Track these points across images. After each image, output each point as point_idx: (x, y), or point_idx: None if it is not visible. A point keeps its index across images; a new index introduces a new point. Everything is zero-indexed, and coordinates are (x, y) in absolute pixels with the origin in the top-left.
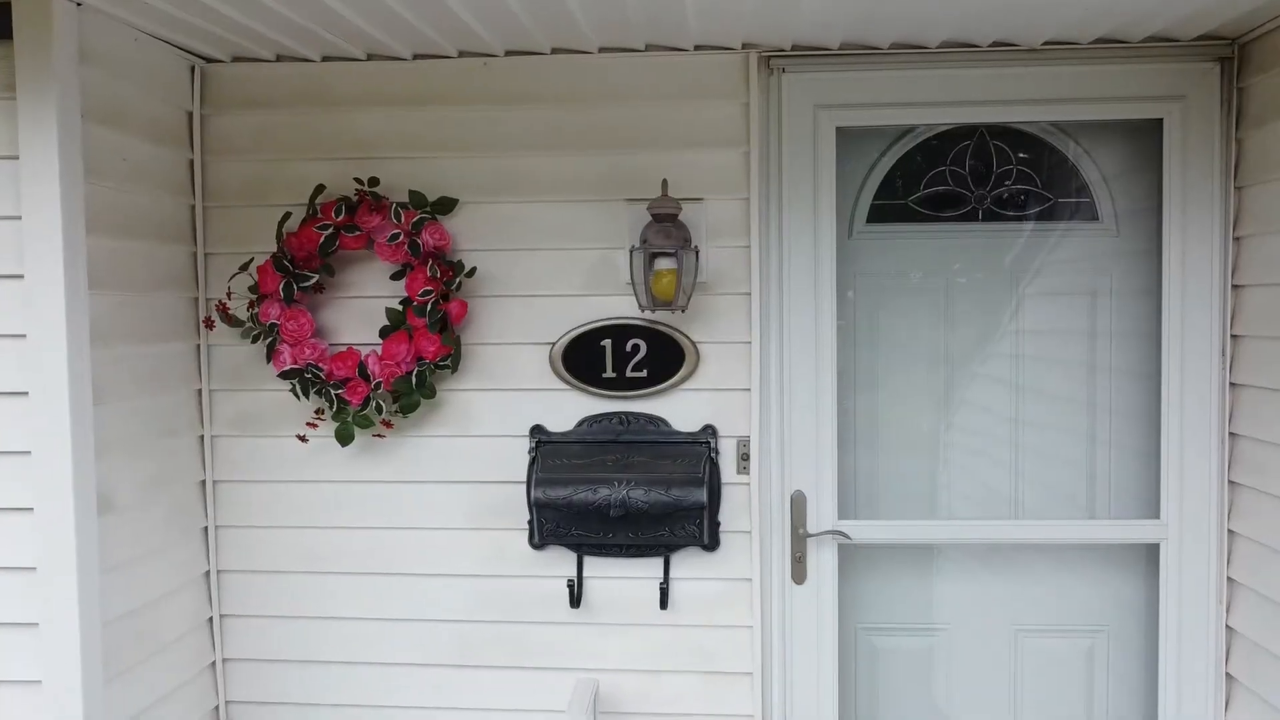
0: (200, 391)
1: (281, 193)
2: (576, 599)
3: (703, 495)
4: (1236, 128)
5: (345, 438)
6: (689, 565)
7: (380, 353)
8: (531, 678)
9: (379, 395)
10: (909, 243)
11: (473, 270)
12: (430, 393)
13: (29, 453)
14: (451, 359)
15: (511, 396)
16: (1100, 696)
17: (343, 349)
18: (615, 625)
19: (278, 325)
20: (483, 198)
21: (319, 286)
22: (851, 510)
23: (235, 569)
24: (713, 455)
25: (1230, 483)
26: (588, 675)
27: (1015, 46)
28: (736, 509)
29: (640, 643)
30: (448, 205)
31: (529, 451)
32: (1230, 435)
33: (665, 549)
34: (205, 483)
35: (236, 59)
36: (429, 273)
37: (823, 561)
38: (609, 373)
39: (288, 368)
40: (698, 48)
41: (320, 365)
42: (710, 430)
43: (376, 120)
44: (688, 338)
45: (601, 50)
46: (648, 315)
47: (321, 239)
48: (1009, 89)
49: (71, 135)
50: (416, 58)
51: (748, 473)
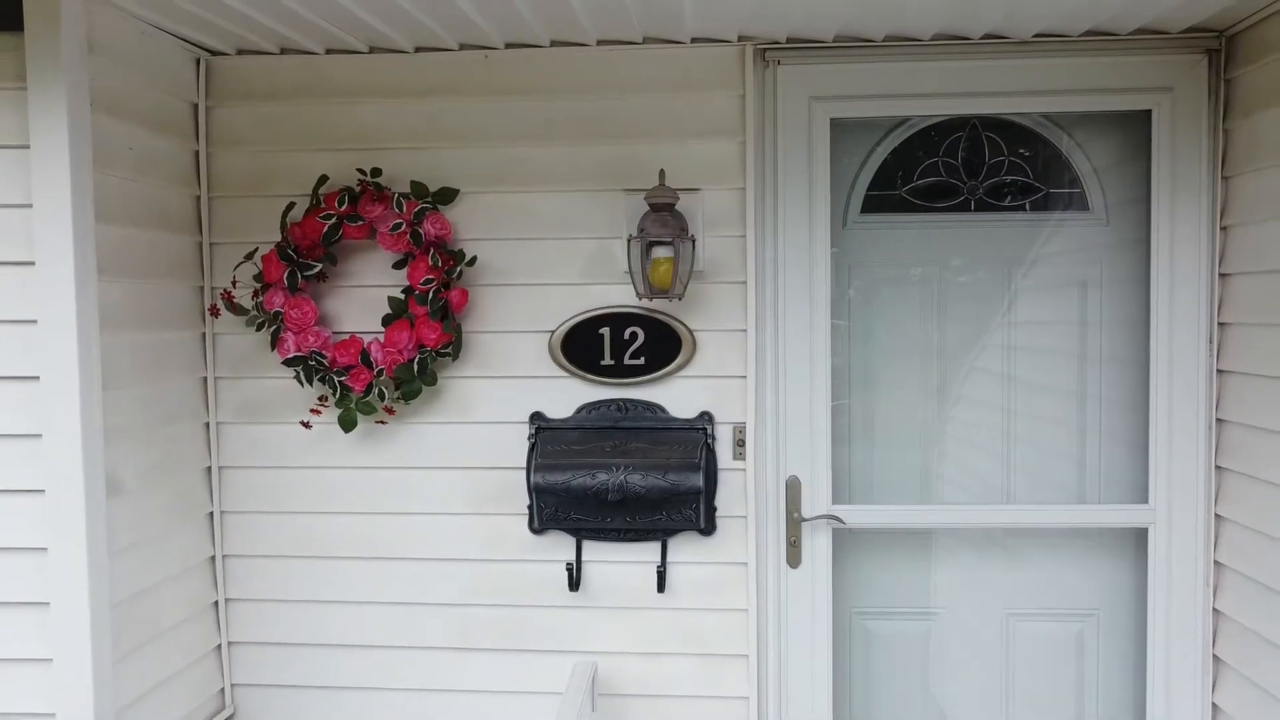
0: (205, 379)
1: (285, 183)
2: (575, 583)
3: (699, 480)
4: (1224, 118)
5: (348, 424)
6: (686, 549)
7: (383, 340)
8: (531, 660)
9: (381, 382)
10: (903, 233)
11: (473, 259)
12: (432, 380)
13: (40, 436)
14: (452, 347)
15: (511, 384)
16: (1090, 679)
17: (345, 337)
18: (613, 609)
19: (282, 313)
20: (483, 188)
21: (322, 275)
22: (846, 495)
23: (240, 554)
24: (709, 441)
25: (1217, 468)
26: (586, 658)
27: (1006, 39)
28: (733, 494)
29: (638, 626)
30: (449, 195)
31: (528, 438)
32: (1217, 421)
33: (662, 533)
34: (210, 469)
35: (240, 51)
36: (430, 262)
37: (817, 546)
38: (607, 360)
39: (292, 355)
40: (694, 40)
41: (324, 353)
42: (707, 417)
43: (378, 112)
44: (685, 326)
45: (599, 43)
46: (645, 304)
47: (325, 229)
48: (1001, 81)
49: (81, 125)
50: (418, 50)
51: (744, 458)
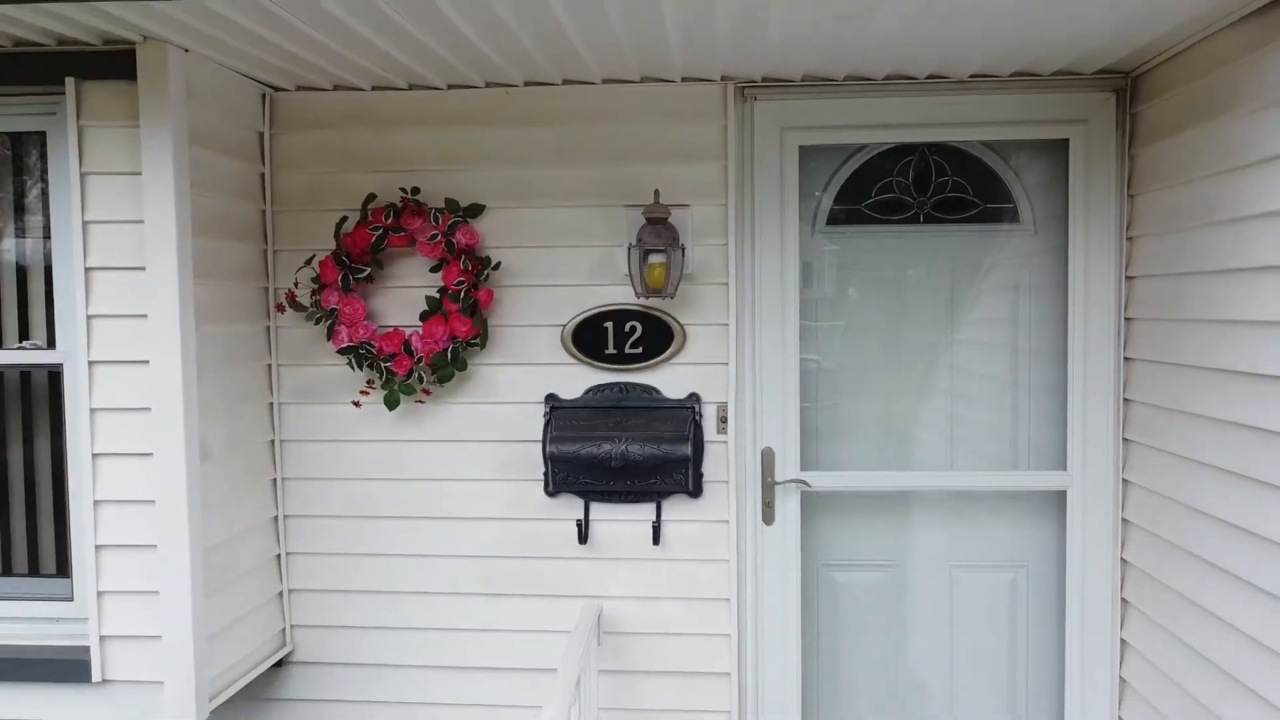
0: (269, 365)
1: (338, 200)
2: (584, 537)
3: (688, 450)
4: (1130, 146)
5: (392, 403)
6: (677, 509)
7: (421, 333)
8: (547, 604)
9: (420, 368)
10: (863, 242)
11: (498, 264)
12: (462, 366)
13: (149, 410)
14: (480, 338)
15: (529, 369)
16: (1021, 621)
17: (390, 330)
18: (616, 560)
19: (337, 310)
20: (506, 203)
21: (370, 278)
22: (813, 464)
23: (298, 514)
24: (697, 418)
25: (1125, 440)
26: (593, 601)
27: (947, 79)
28: (716, 462)
29: (636, 574)
30: (477, 210)
31: (544, 415)
32: (1125, 401)
33: (657, 495)
34: (274, 441)
35: (299, 88)
36: (461, 266)
37: (788, 506)
38: (610, 349)
39: (345, 345)
40: (684, 79)
41: (372, 343)
42: (695, 397)
43: (417, 139)
44: (676, 320)
45: (604, 81)
46: (643, 302)
47: (373, 239)
48: (943, 113)
49: (181, 156)
50: (450, 87)
51: (725, 432)
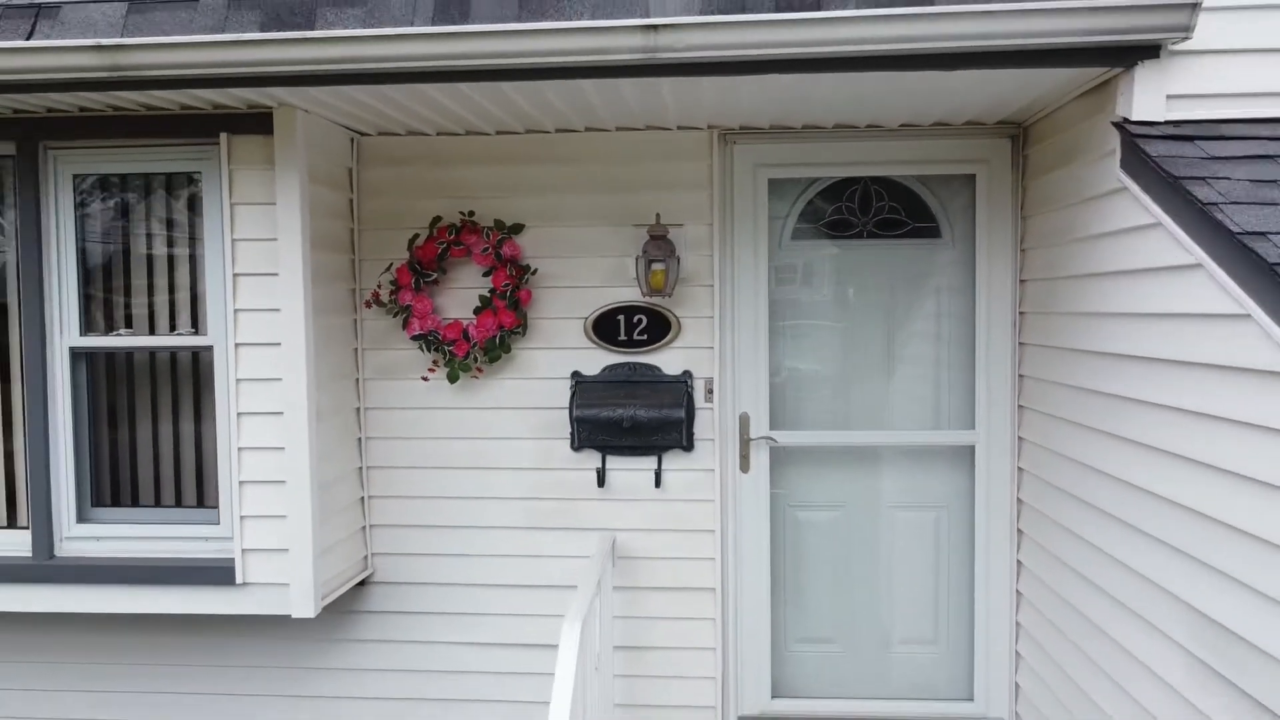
0: (356, 349)
1: (410, 221)
2: (601, 482)
3: (682, 414)
4: (1023, 179)
5: (453, 378)
6: (674, 460)
7: (475, 323)
8: (573, 535)
9: (475, 350)
10: (819, 253)
11: (535, 270)
12: (507, 349)
13: (280, 380)
14: (521, 328)
15: (559, 352)
16: (943, 549)
17: (451, 321)
18: (626, 500)
19: (411, 306)
20: (541, 223)
21: (436, 281)
22: (780, 425)
23: (377, 465)
24: (689, 389)
25: (1020, 407)
26: (608, 533)
27: (882, 127)
28: (704, 423)
29: (642, 511)
30: (519, 228)
31: (570, 387)
32: (1019, 376)
33: (658, 449)
34: (359, 409)
35: (380, 133)
36: (507, 272)
37: (760, 459)
38: (622, 337)
39: (417, 333)
40: (679, 128)
41: (437, 331)
42: (688, 373)
43: (472, 173)
44: (673, 314)
45: (617, 129)
46: (647, 300)
47: (438, 251)
48: (880, 154)
49: (304, 190)
50: (498, 133)
51: (711, 401)
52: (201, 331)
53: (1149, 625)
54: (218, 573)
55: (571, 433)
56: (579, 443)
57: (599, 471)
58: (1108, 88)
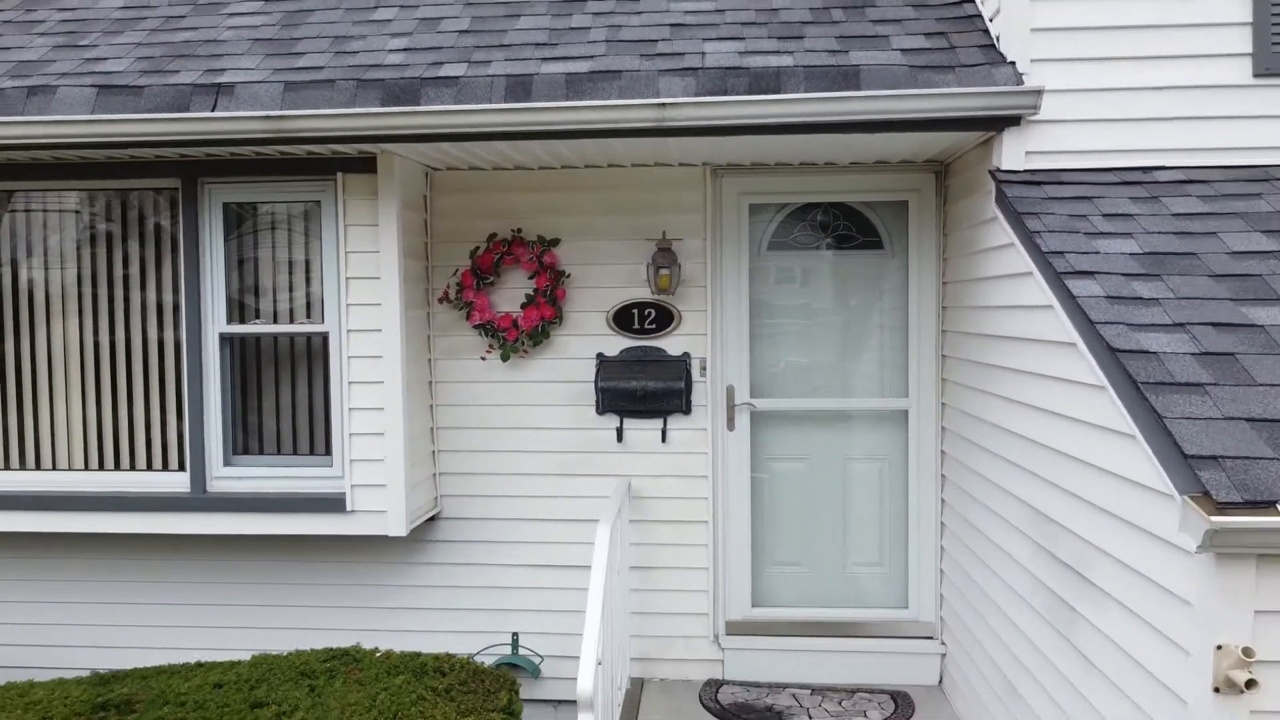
0: (428, 336)
1: (472, 236)
2: (620, 438)
3: (683, 385)
4: (945, 204)
5: (505, 358)
6: (676, 421)
7: (522, 315)
8: (598, 481)
9: (522, 336)
10: (789, 262)
11: (569, 274)
12: (547, 335)
13: (381, 357)
14: (558, 319)
15: (587, 338)
16: (886, 492)
17: (503, 314)
18: (639, 453)
19: (473, 302)
20: (573, 238)
21: (492, 283)
22: (759, 394)
23: (445, 426)
24: (688, 366)
25: (943, 380)
26: (624, 479)
27: (836, 165)
28: (699, 392)
29: (651, 461)
30: (556, 242)
31: (595, 365)
32: (943, 356)
33: (664, 413)
34: (430, 382)
35: (449, 169)
36: (547, 276)
37: (743, 420)
38: (636, 326)
39: (478, 323)
40: (680, 164)
41: (493, 321)
42: (687, 354)
43: (520, 199)
44: (676, 308)
45: (632, 165)
46: (655, 297)
47: (494, 259)
48: (834, 185)
49: (398, 214)
50: (540, 168)
51: (705, 375)
52: (317, 320)
53: (1007, 523)
54: (332, 503)
55: (596, 400)
56: (602, 408)
57: (618, 430)
58: (989, 144)
